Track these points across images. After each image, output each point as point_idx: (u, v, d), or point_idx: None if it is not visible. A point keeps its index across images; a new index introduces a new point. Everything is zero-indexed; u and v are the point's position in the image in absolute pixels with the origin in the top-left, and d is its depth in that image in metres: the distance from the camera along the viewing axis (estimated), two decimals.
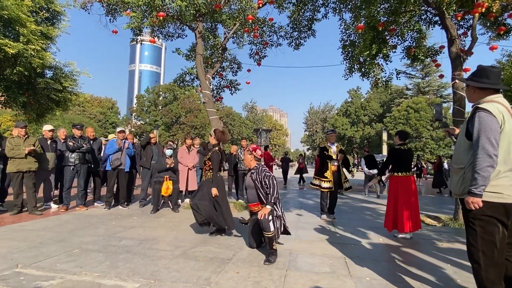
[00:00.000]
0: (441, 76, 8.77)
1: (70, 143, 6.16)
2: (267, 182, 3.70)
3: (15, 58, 9.22)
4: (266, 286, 2.83)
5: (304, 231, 5.12)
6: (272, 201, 3.62)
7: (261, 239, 4.05)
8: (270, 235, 3.55)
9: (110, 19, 8.19)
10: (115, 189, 6.89)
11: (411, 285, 2.96)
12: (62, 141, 6.87)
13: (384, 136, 38.91)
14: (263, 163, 4.08)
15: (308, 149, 74.30)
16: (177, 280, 2.87)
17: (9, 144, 5.69)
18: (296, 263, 3.49)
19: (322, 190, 6.05)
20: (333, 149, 6.16)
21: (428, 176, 28.37)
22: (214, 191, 4.46)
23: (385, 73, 8.79)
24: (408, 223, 4.71)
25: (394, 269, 3.41)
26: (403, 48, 8.12)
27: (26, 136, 5.87)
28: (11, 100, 10.53)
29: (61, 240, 4.13)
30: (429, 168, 31.30)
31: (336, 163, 6.09)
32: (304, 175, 15.71)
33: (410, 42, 7.99)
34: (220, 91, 9.96)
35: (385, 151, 35.10)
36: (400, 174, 4.89)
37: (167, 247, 3.93)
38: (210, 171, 4.66)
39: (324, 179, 6.03)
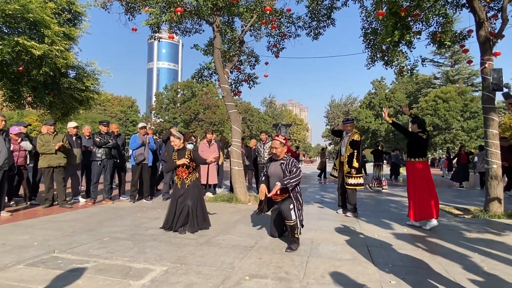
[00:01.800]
0: (470, 62, 8.54)
1: (97, 139, 6.52)
2: (294, 170, 3.83)
3: (41, 59, 9.77)
4: (288, 270, 2.96)
5: (325, 222, 5.21)
6: (285, 182, 3.70)
7: (283, 229, 4.19)
8: (292, 224, 3.68)
9: (129, 17, 8.52)
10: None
11: (436, 272, 3.00)
12: (87, 137, 7.27)
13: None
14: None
15: (330, 144, 73.45)
16: (202, 264, 3.06)
17: (39, 141, 6.11)
18: (318, 251, 3.60)
19: (332, 177, 6.15)
20: (344, 141, 5.80)
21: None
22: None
23: (410, 61, 8.65)
24: (433, 209, 4.81)
25: (418, 256, 3.45)
26: (428, 34, 7.95)
27: (55, 133, 6.27)
28: (38, 100, 11.17)
29: (91, 229, 4.44)
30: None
31: (342, 153, 5.79)
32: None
33: (435, 27, 7.80)
34: (238, 85, 10.12)
35: None
36: (417, 159, 4.99)
37: (191, 236, 4.15)
38: (194, 172, 4.61)
39: (335, 167, 6.09)
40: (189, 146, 6.92)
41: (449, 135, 36.24)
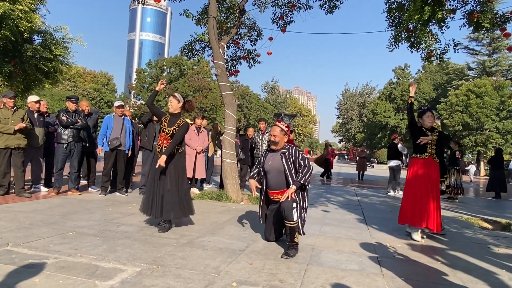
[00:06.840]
0: (510, 49, 8.52)
1: (64, 118, 6.49)
2: (302, 163, 3.85)
3: (0, 21, 9.67)
4: (283, 278, 2.98)
5: (330, 228, 5.25)
6: (301, 181, 3.76)
7: (281, 232, 4.22)
8: (292, 225, 3.70)
9: None
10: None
11: None
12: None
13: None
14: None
15: (340, 141, 73.65)
16: (182, 267, 3.08)
17: None
18: (319, 259, 3.63)
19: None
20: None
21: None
22: (161, 160, 4.20)
23: (440, 44, 8.65)
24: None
25: (436, 271, 3.49)
26: (463, 13, 7.94)
27: (15, 108, 6.22)
28: None
29: (53, 222, 4.44)
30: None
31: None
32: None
33: (473, 6, 7.80)
34: (235, 63, 10.08)
35: None
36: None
37: (171, 235, 4.17)
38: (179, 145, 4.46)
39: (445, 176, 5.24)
40: None
41: (481, 136, 36.29)
